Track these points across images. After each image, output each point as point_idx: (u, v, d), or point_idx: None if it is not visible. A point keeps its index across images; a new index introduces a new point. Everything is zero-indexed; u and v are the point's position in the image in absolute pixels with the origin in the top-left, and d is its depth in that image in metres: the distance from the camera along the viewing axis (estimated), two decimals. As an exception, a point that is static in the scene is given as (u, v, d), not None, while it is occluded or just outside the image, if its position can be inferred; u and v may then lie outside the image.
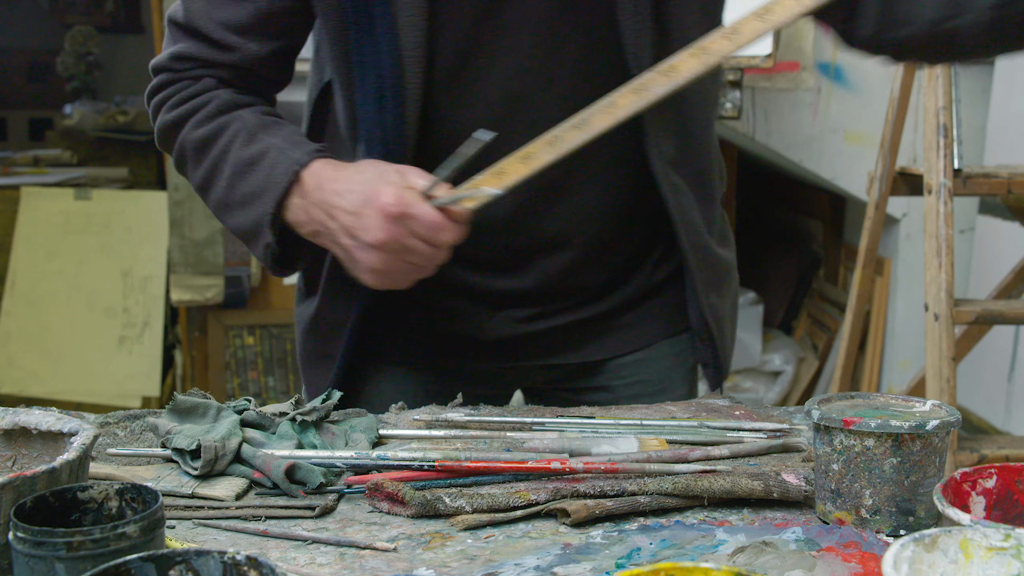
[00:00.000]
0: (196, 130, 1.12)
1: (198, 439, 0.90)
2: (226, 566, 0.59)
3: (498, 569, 0.75)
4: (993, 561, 0.61)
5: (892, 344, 3.26)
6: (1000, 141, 2.97)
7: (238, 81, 1.14)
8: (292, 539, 0.81)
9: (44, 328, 3.69)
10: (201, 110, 1.12)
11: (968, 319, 2.11)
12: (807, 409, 0.83)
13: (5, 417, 0.81)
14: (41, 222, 3.75)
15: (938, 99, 2.11)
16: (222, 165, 1.10)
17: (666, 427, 1.03)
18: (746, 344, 3.51)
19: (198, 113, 1.12)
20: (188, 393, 1.02)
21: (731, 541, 0.79)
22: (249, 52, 1.11)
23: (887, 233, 3.19)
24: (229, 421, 0.94)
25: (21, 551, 0.62)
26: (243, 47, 1.11)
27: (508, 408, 1.11)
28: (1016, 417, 2.85)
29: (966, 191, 2.19)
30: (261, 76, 1.15)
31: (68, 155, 4.94)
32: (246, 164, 1.08)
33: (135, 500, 0.68)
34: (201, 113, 1.12)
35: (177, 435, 0.92)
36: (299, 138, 1.10)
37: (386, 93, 1.06)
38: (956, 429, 0.80)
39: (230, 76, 1.13)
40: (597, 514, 0.83)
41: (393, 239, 0.98)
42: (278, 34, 1.12)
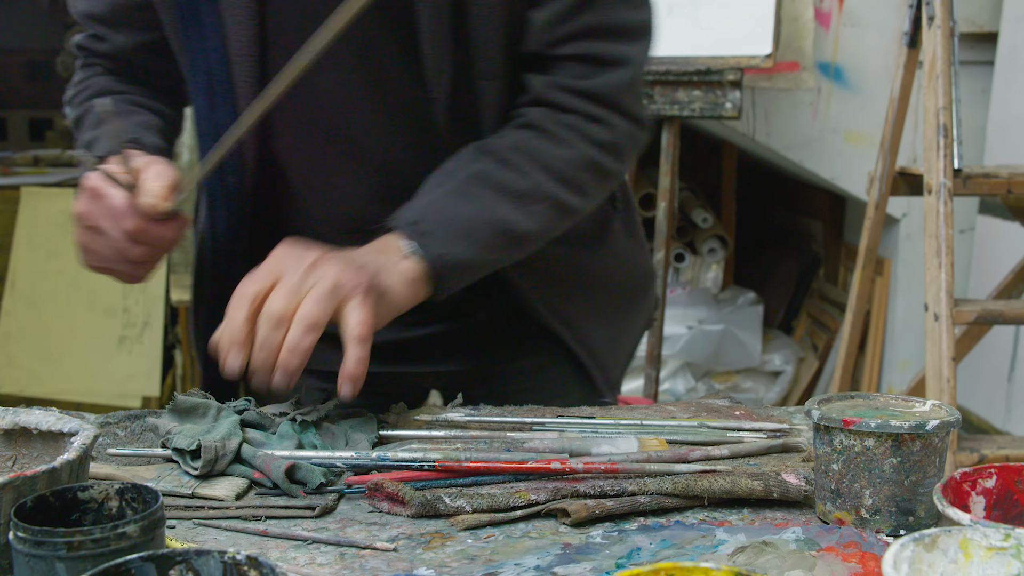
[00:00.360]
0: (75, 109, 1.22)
1: (198, 439, 0.90)
2: (226, 566, 0.59)
3: (498, 569, 0.75)
4: (993, 561, 0.61)
5: (892, 344, 3.27)
6: (1000, 141, 2.97)
7: (119, 70, 1.21)
8: (292, 539, 0.81)
9: (44, 328, 3.69)
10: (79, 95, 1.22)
11: (968, 319, 2.11)
12: (807, 409, 0.83)
13: (5, 417, 0.81)
14: (41, 222, 3.75)
15: (938, 99, 2.11)
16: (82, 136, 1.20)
17: (666, 427, 1.03)
18: (746, 344, 3.51)
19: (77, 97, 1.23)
20: (188, 393, 1.02)
21: (731, 541, 0.79)
22: (117, 43, 1.19)
23: (887, 233, 3.19)
24: (229, 421, 0.94)
25: (21, 551, 0.62)
26: (110, 38, 1.19)
27: (508, 408, 1.11)
28: (1016, 417, 2.85)
29: (966, 191, 2.19)
30: (139, 66, 1.20)
31: (68, 155, 4.94)
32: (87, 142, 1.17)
33: (135, 500, 0.68)
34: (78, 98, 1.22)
35: (177, 435, 0.92)
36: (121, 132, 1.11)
37: (216, 90, 1.10)
38: (956, 429, 0.80)
39: (107, 64, 1.22)
40: (597, 514, 0.83)
41: (85, 213, 1.04)
42: (141, 26, 1.16)
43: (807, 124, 3.19)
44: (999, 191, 2.23)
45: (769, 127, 3.20)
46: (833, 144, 3.19)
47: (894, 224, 3.20)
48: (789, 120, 3.19)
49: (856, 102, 3.15)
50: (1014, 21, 2.93)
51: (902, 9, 2.56)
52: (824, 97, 3.17)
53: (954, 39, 2.16)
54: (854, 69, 3.14)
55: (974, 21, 3.03)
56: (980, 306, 2.14)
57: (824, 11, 3.14)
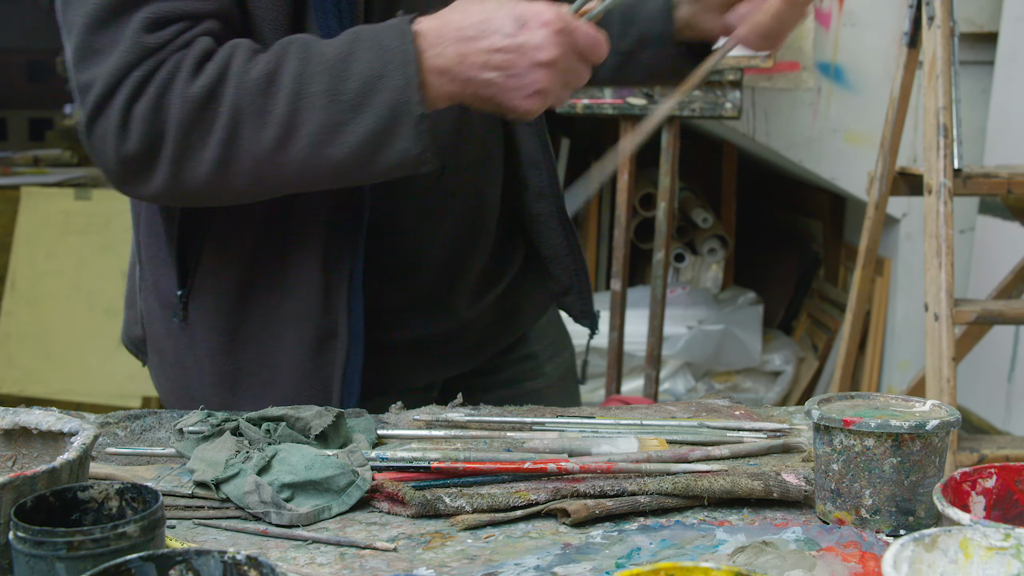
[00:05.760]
0: (246, 76, 0.96)
1: (229, 468, 0.87)
2: (226, 566, 0.59)
3: (498, 569, 0.75)
4: (993, 561, 0.61)
5: (892, 344, 3.26)
6: (1000, 141, 2.97)
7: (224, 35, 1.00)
8: (292, 539, 0.81)
9: (44, 328, 3.69)
10: (236, 57, 0.97)
11: (968, 319, 2.10)
12: (807, 409, 0.83)
13: (5, 417, 0.81)
14: (41, 222, 3.75)
15: (938, 99, 2.11)
16: (307, 86, 0.96)
17: (666, 427, 1.03)
18: (746, 344, 3.51)
19: (234, 61, 0.97)
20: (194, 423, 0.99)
21: (731, 541, 0.79)
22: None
23: (887, 233, 3.19)
24: (234, 442, 0.92)
25: (21, 551, 0.62)
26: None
27: (508, 408, 1.11)
28: (1016, 417, 2.85)
29: (966, 191, 2.19)
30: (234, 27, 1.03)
31: (68, 155, 4.94)
32: (341, 59, 0.96)
33: (135, 500, 0.69)
34: (239, 59, 0.97)
35: (198, 468, 0.89)
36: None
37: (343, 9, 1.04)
38: (956, 429, 0.80)
39: (219, 28, 1.00)
40: (597, 514, 0.83)
41: (563, 54, 0.97)
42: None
43: (807, 124, 3.19)
44: (999, 191, 2.23)
45: (769, 127, 3.19)
46: (833, 144, 3.19)
47: (894, 224, 3.20)
48: (789, 120, 3.19)
49: (856, 102, 3.15)
50: (1014, 21, 2.93)
51: (902, 9, 2.56)
52: (824, 97, 3.17)
53: (954, 39, 2.16)
54: (854, 69, 3.14)
55: (974, 21, 3.03)
56: (980, 306, 2.14)
57: (824, 11, 3.14)
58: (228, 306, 1.12)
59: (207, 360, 1.15)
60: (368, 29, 0.99)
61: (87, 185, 4.01)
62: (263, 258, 1.11)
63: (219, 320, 1.13)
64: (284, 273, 1.10)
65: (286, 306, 1.11)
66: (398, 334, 1.18)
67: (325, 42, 0.98)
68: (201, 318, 1.14)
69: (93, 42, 0.97)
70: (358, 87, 0.96)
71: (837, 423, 0.80)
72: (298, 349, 1.11)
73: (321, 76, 0.96)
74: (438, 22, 0.98)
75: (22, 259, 3.73)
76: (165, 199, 1.06)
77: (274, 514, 0.83)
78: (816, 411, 0.82)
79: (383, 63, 0.96)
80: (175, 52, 0.97)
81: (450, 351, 1.23)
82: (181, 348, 1.17)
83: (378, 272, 1.13)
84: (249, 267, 1.12)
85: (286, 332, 1.11)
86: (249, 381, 1.13)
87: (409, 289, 1.18)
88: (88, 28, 0.97)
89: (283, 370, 1.12)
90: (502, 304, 1.28)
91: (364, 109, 0.96)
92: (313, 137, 0.96)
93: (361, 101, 0.96)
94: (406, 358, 1.19)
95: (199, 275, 1.13)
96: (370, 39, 0.97)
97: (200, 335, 1.14)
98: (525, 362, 1.32)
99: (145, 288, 1.21)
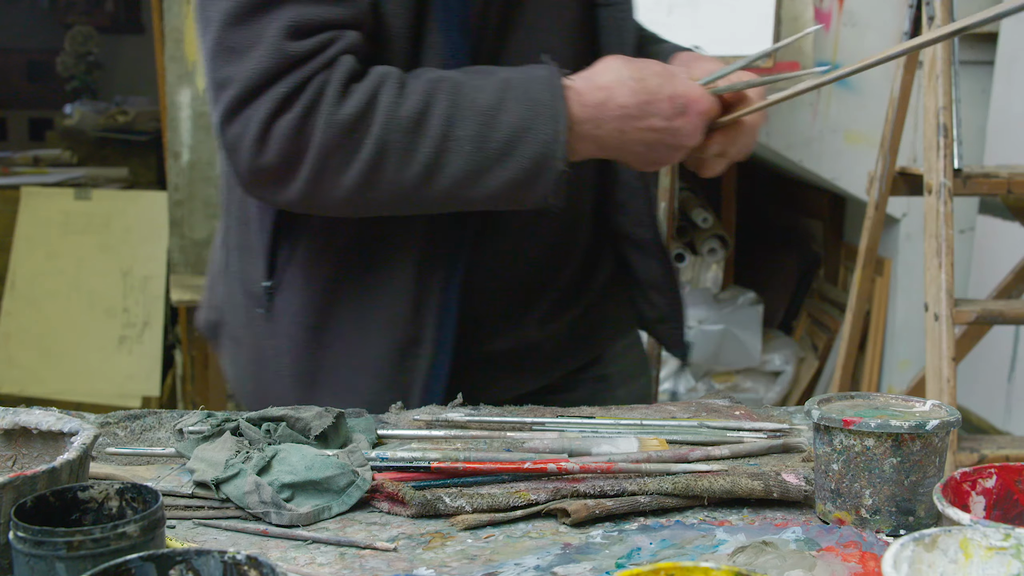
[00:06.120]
0: (396, 110, 0.97)
1: (229, 468, 0.87)
2: (226, 566, 0.59)
3: (498, 569, 0.75)
4: (993, 561, 0.61)
5: (892, 344, 3.26)
6: (1000, 141, 2.97)
7: (363, 48, 1.00)
8: (292, 539, 0.81)
9: (44, 328, 3.69)
10: (384, 87, 0.97)
11: (968, 319, 2.10)
12: (807, 409, 0.83)
13: (5, 417, 0.81)
14: (41, 222, 3.75)
15: (938, 99, 2.11)
16: (455, 128, 0.97)
17: (666, 427, 1.03)
18: (746, 344, 3.51)
19: (383, 92, 0.97)
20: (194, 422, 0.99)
21: (731, 541, 0.79)
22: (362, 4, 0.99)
23: (887, 233, 3.19)
24: (234, 442, 0.92)
25: (21, 551, 0.62)
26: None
27: (508, 408, 1.11)
28: (1016, 417, 2.85)
29: (966, 191, 2.19)
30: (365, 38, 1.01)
31: (68, 155, 4.94)
32: (492, 108, 0.98)
33: (135, 500, 0.69)
34: (388, 91, 0.97)
35: (198, 468, 0.89)
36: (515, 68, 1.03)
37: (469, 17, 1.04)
38: (956, 429, 0.80)
39: (357, 40, 0.99)
40: (597, 514, 0.83)
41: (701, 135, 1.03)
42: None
43: (807, 124, 3.19)
44: (999, 191, 2.23)
45: (769, 127, 3.19)
46: (833, 144, 3.19)
47: (894, 224, 3.20)
48: (789, 120, 3.19)
49: (856, 102, 3.15)
50: (1014, 21, 2.93)
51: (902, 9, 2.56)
52: (824, 97, 3.17)
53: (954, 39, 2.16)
54: (854, 69, 3.13)
55: (974, 21, 3.03)
56: (980, 306, 2.13)
57: (824, 11, 3.14)
58: (317, 302, 1.12)
59: (287, 355, 1.13)
60: (519, 78, 1.00)
61: (87, 185, 4.01)
62: (358, 258, 1.11)
63: (305, 316, 1.12)
64: (377, 276, 1.10)
65: (376, 309, 1.10)
66: (476, 347, 1.16)
67: (475, 85, 0.99)
68: (286, 311, 1.13)
69: (230, 39, 0.96)
70: (505, 137, 0.98)
71: (837, 423, 0.80)
72: (382, 353, 1.11)
73: (470, 122, 0.97)
74: (602, 94, 1.01)
75: (22, 259, 3.73)
76: (294, 209, 1.07)
77: (274, 514, 0.83)
78: (816, 411, 0.82)
79: (532, 115, 0.98)
80: (321, 70, 0.96)
81: (524, 367, 1.21)
82: (261, 339, 1.16)
83: (466, 284, 1.12)
84: (342, 266, 1.11)
85: (372, 335, 1.11)
86: (328, 379, 1.13)
87: (492, 302, 1.17)
88: (227, 24, 0.96)
89: (365, 372, 1.11)
90: (581, 323, 1.26)
91: (508, 159, 0.98)
92: (455, 180, 0.98)
93: (507, 151, 0.98)
94: (479, 372, 1.17)
95: (290, 268, 1.12)
96: (520, 88, 0.99)
97: (283, 328, 1.13)
98: (597, 383, 1.29)
99: (229, 274, 1.21)
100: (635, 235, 1.27)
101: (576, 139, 1.01)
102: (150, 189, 3.99)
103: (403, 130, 0.97)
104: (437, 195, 1.00)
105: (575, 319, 1.25)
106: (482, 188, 0.99)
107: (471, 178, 0.98)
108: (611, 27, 1.17)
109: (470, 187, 0.99)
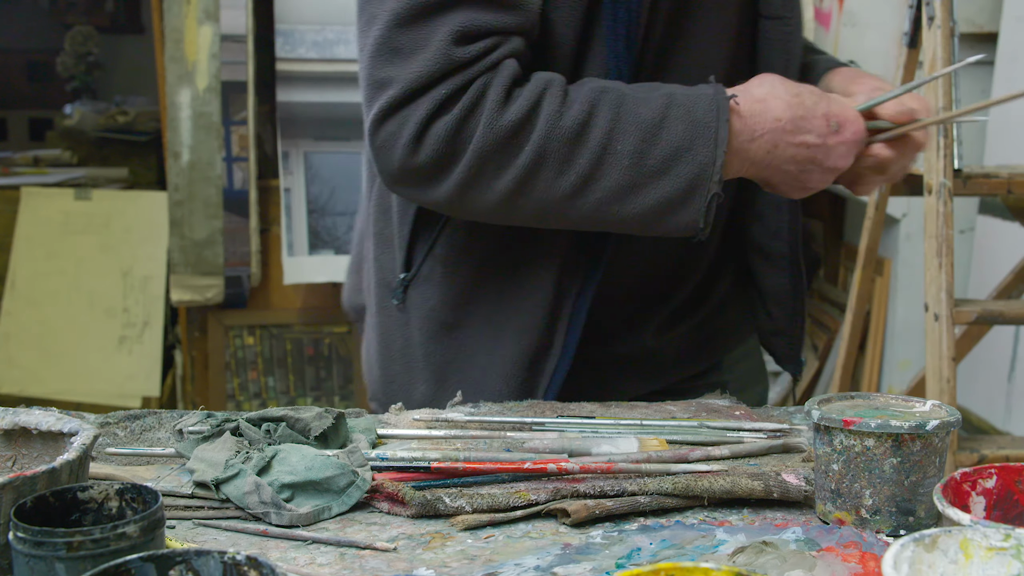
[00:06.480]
0: (560, 120, 0.96)
1: (228, 469, 0.87)
2: (226, 566, 0.59)
3: (498, 569, 0.75)
4: (993, 561, 0.61)
5: (892, 344, 3.26)
6: (1000, 141, 2.97)
7: (527, 54, 0.99)
8: (292, 539, 0.81)
9: (44, 328, 3.69)
10: (547, 97, 0.96)
11: (968, 319, 2.10)
12: (807, 409, 0.83)
13: (5, 417, 0.81)
14: (41, 222, 3.75)
15: (938, 99, 2.11)
16: (615, 143, 0.96)
17: (666, 427, 1.03)
18: (746, 344, 3.50)
19: (545, 102, 0.96)
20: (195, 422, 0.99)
21: (731, 541, 0.79)
22: (535, 6, 0.98)
23: (887, 233, 3.18)
24: (234, 442, 0.92)
25: (21, 551, 0.62)
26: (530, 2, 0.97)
27: (508, 408, 1.11)
28: (1016, 417, 2.84)
29: (966, 191, 2.18)
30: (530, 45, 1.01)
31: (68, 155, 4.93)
32: (653, 124, 0.97)
33: (135, 500, 0.68)
34: (551, 100, 0.96)
35: (198, 468, 0.89)
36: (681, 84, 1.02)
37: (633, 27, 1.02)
38: (956, 429, 0.80)
39: (522, 47, 0.98)
40: (597, 514, 0.83)
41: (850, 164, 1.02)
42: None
43: (807, 124, 3.18)
44: (999, 191, 2.23)
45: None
46: (833, 144, 3.18)
47: (894, 224, 3.20)
48: (789, 120, 3.18)
49: (856, 102, 3.14)
50: (1014, 21, 2.93)
51: (902, 9, 2.56)
52: (824, 97, 3.17)
53: (954, 39, 2.16)
54: (854, 69, 3.13)
55: (974, 21, 3.03)
56: (980, 306, 2.13)
57: (824, 11, 3.14)
58: (452, 300, 1.12)
59: (419, 347, 1.14)
60: (683, 94, 0.99)
61: (87, 185, 4.00)
62: (500, 259, 1.10)
63: (440, 312, 1.12)
64: (517, 280, 1.10)
65: (513, 312, 1.10)
66: (596, 351, 1.16)
67: (639, 98, 0.98)
68: (420, 305, 1.13)
69: (396, 39, 0.96)
70: (665, 154, 0.96)
71: (837, 423, 0.80)
72: (515, 358, 1.11)
73: (631, 136, 0.96)
74: (758, 106, 0.99)
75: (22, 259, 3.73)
76: (440, 210, 1.06)
77: (274, 514, 0.83)
78: (816, 411, 0.82)
79: (693, 135, 0.96)
80: (484, 72, 0.96)
81: (639, 372, 1.21)
82: (391, 328, 1.16)
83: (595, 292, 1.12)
84: (484, 266, 1.11)
85: (506, 339, 1.11)
86: (457, 377, 1.13)
87: (615, 310, 1.17)
88: (393, 24, 0.96)
89: (494, 374, 1.12)
90: (698, 332, 1.25)
91: (665, 176, 0.96)
92: (608, 193, 0.97)
93: (665, 168, 0.96)
94: (597, 374, 1.17)
95: (428, 262, 1.12)
96: (684, 106, 0.97)
97: (416, 321, 1.13)
98: (712, 390, 1.26)
99: (368, 261, 1.21)
100: (768, 247, 1.23)
101: (730, 153, 0.99)
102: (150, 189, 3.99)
103: (564, 139, 0.96)
104: (586, 210, 0.98)
105: (692, 328, 1.24)
106: (633, 205, 0.98)
107: (624, 193, 0.97)
108: (777, 41, 1.14)
109: (621, 203, 0.98)
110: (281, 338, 3.32)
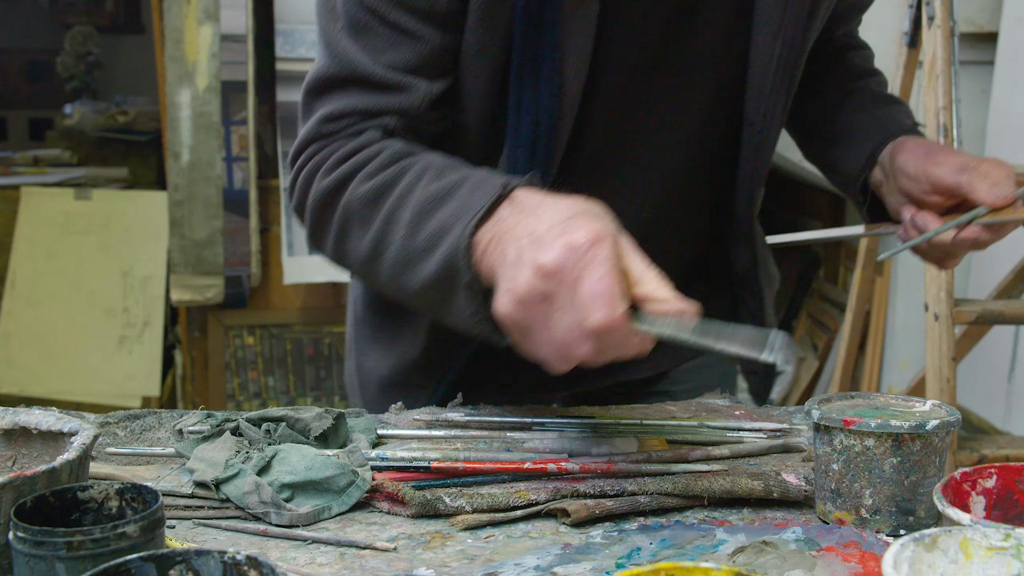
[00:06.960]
0: (365, 183, 0.96)
1: (228, 468, 0.87)
2: (226, 566, 0.59)
3: (498, 569, 0.75)
4: (993, 561, 0.61)
5: (892, 344, 3.26)
6: (1000, 141, 2.97)
7: (404, 130, 1.00)
8: (292, 539, 0.81)
9: (44, 328, 3.69)
10: (371, 161, 0.97)
11: (968, 319, 2.10)
12: (807, 409, 0.83)
13: (5, 417, 0.81)
14: (41, 222, 3.75)
15: (938, 99, 2.11)
16: (400, 211, 0.93)
17: (666, 427, 1.03)
18: (746, 344, 3.50)
19: (368, 165, 0.97)
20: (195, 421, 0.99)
21: (731, 541, 0.79)
22: (419, 91, 0.98)
23: (887, 233, 3.18)
24: (234, 442, 0.92)
25: (21, 551, 0.62)
26: (414, 85, 0.98)
27: (508, 408, 1.11)
28: (1016, 417, 2.85)
29: (966, 191, 2.18)
30: (426, 122, 1.02)
31: (68, 155, 4.94)
32: (436, 198, 0.91)
33: (135, 500, 0.69)
34: (372, 164, 0.97)
35: (198, 468, 0.89)
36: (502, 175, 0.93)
37: (539, 141, 1.00)
38: (956, 429, 0.80)
39: (397, 123, 1.00)
40: (597, 514, 0.83)
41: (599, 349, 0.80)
42: (446, 72, 1.00)
43: (807, 124, 3.18)
44: (999, 191, 2.23)
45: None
46: (833, 144, 3.18)
47: (894, 224, 3.20)
48: (789, 120, 3.18)
49: (856, 102, 3.14)
50: (1014, 21, 2.93)
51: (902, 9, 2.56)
52: (824, 97, 3.16)
53: (954, 39, 2.16)
54: (854, 69, 3.13)
55: (974, 21, 3.03)
56: (980, 306, 2.13)
57: (824, 11, 3.13)
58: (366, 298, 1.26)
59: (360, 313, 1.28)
60: (483, 174, 0.91)
61: (87, 185, 4.01)
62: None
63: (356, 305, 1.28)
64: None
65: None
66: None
67: (440, 173, 0.93)
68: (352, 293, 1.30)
69: (304, 102, 1.05)
70: (432, 232, 0.89)
71: (837, 423, 0.80)
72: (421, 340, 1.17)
73: (413, 208, 0.92)
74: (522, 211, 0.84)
75: (22, 259, 3.73)
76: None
77: (274, 514, 0.83)
78: (816, 411, 0.82)
79: (458, 216, 0.87)
80: (341, 139, 1.01)
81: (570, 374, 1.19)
82: (355, 288, 1.30)
83: None
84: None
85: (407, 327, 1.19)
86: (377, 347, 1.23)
87: None
88: (305, 90, 1.05)
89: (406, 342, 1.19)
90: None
91: (430, 255, 0.89)
92: (393, 262, 0.94)
93: (430, 246, 0.89)
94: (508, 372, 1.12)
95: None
96: (471, 187, 0.89)
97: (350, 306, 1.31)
98: (660, 398, 1.23)
99: None
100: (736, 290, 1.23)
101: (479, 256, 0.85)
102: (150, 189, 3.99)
103: (363, 202, 0.97)
104: (385, 277, 0.96)
105: None
106: (413, 280, 0.92)
107: (403, 266, 0.93)
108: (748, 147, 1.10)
109: (403, 276, 0.93)
110: (281, 338, 3.32)
